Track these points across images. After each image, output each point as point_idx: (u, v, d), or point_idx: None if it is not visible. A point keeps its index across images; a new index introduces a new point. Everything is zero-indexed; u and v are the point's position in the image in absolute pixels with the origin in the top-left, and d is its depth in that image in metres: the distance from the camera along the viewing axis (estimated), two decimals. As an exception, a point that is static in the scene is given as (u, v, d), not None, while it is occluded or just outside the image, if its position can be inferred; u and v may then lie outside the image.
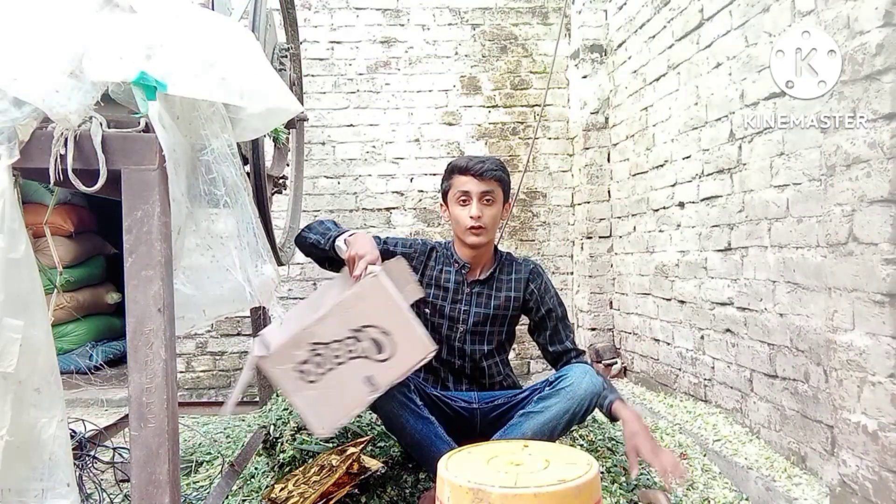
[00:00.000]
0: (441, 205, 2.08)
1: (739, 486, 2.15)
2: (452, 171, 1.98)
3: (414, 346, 1.47)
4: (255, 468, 2.14)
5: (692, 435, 2.49)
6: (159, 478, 1.26)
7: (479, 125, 4.18)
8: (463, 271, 2.03)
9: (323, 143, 4.10)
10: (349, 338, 1.47)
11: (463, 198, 1.94)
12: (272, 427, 2.65)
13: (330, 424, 1.54)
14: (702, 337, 2.85)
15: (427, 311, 2.02)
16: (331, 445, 2.13)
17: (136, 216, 1.26)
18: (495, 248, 2.09)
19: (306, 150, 3.86)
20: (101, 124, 1.23)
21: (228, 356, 4.00)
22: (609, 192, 3.95)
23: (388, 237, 2.06)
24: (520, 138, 4.19)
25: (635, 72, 3.52)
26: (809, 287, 2.10)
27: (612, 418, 1.92)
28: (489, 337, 2.05)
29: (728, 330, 2.62)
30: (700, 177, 2.83)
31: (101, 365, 4.02)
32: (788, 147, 2.21)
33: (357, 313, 1.48)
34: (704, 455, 2.36)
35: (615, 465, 2.13)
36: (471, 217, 1.91)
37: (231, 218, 1.43)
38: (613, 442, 2.35)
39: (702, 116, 2.79)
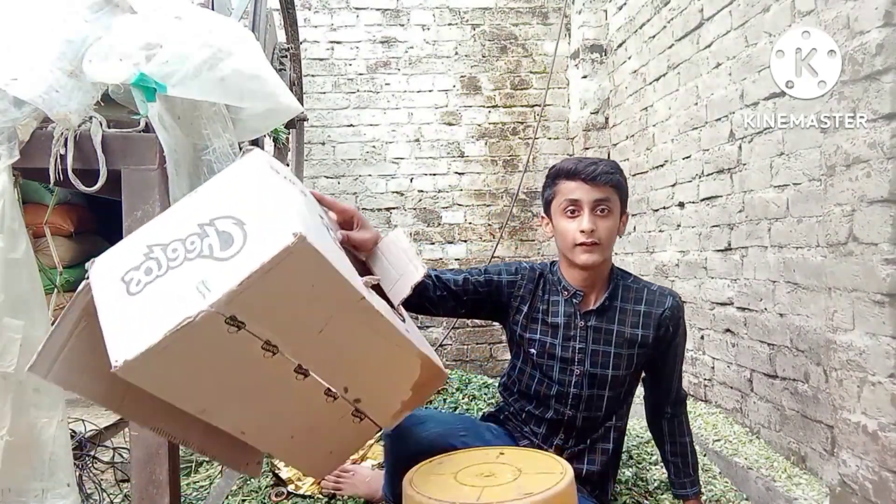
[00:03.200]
0: (542, 218, 1.73)
1: (739, 486, 2.15)
2: (557, 175, 1.65)
3: (273, 236, 0.92)
4: (255, 468, 2.13)
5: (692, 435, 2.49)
6: (159, 478, 1.26)
7: (479, 125, 4.18)
8: (575, 300, 1.65)
9: (323, 143, 4.10)
10: (194, 234, 0.99)
11: (571, 207, 1.59)
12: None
13: (125, 352, 0.89)
14: (702, 337, 2.85)
15: (533, 351, 1.67)
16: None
17: (136, 216, 1.26)
18: (612, 268, 1.71)
19: (306, 150, 3.86)
20: (101, 124, 1.23)
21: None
22: (609, 192, 3.94)
23: (487, 266, 1.74)
24: (520, 138, 4.19)
25: (635, 72, 3.52)
26: (809, 287, 2.10)
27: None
28: (612, 382, 1.64)
29: (728, 330, 2.62)
30: (700, 177, 2.83)
31: (101, 365, 4.01)
32: (788, 147, 2.21)
33: (215, 200, 1.03)
34: (704, 455, 2.36)
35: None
36: (581, 231, 1.56)
37: (231, 218, 1.42)
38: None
39: (702, 116, 2.79)
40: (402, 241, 1.32)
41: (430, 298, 1.60)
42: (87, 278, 1.02)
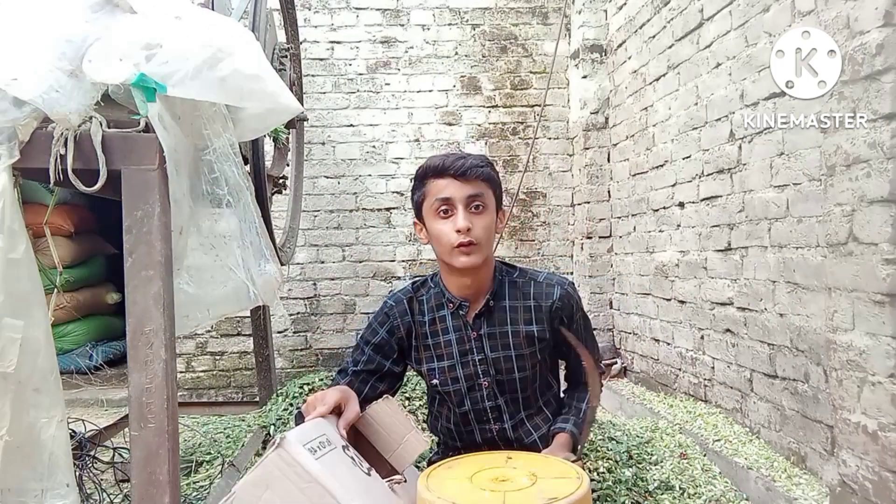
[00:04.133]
0: (415, 223, 1.58)
1: (739, 486, 2.14)
2: (425, 174, 1.50)
3: None
4: (255, 468, 2.14)
5: (692, 435, 2.49)
6: (159, 478, 1.26)
7: (479, 125, 4.18)
8: (461, 312, 1.54)
9: (323, 143, 4.10)
10: None
11: (444, 207, 1.46)
12: (272, 427, 2.65)
13: None
14: (702, 337, 2.85)
15: (436, 381, 1.57)
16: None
17: (136, 216, 1.26)
18: (494, 264, 1.60)
19: (306, 150, 3.86)
20: (101, 124, 1.23)
21: (228, 356, 4.00)
22: (609, 192, 3.95)
23: (364, 335, 1.61)
24: (520, 138, 4.19)
25: (635, 72, 3.52)
26: (809, 287, 2.10)
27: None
28: (521, 383, 1.56)
29: (728, 330, 2.62)
30: (700, 177, 2.83)
31: (101, 365, 4.02)
32: (788, 147, 2.21)
33: None
34: (704, 455, 2.36)
35: (617, 466, 2.13)
36: (457, 231, 1.44)
37: (234, 217, 1.43)
38: (614, 441, 2.36)
39: (702, 116, 2.79)
40: (395, 411, 1.36)
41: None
42: None
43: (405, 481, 1.28)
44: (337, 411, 1.34)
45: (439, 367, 1.57)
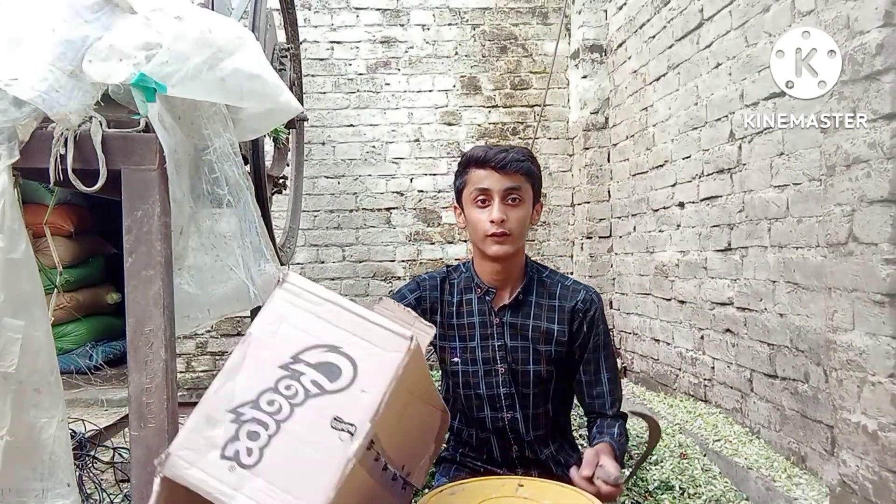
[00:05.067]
0: (454, 208, 1.66)
1: (739, 486, 2.14)
2: (468, 163, 1.57)
3: (385, 346, 0.93)
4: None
5: (692, 435, 2.49)
6: (159, 478, 1.26)
7: (479, 125, 4.18)
8: (487, 297, 1.60)
9: (323, 143, 4.10)
10: (284, 378, 0.94)
11: (481, 197, 1.53)
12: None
13: None
14: (702, 337, 2.85)
15: (457, 359, 1.62)
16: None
17: (136, 216, 1.26)
18: (527, 261, 1.65)
19: (306, 150, 3.86)
20: (101, 124, 1.23)
21: (228, 356, 4.00)
22: (609, 192, 3.95)
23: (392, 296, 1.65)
24: (520, 138, 4.19)
25: (635, 72, 3.52)
26: (809, 287, 2.10)
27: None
28: (535, 378, 1.59)
29: (728, 330, 2.62)
30: (700, 177, 2.83)
31: (101, 365, 4.02)
32: (788, 147, 2.21)
33: (282, 341, 0.98)
34: (704, 455, 2.36)
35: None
36: (491, 221, 1.50)
37: (234, 217, 1.43)
38: (613, 442, 2.35)
39: (702, 116, 2.79)
40: (394, 308, 1.33)
41: None
42: (159, 474, 0.92)
43: None
44: None
45: (461, 347, 1.62)
